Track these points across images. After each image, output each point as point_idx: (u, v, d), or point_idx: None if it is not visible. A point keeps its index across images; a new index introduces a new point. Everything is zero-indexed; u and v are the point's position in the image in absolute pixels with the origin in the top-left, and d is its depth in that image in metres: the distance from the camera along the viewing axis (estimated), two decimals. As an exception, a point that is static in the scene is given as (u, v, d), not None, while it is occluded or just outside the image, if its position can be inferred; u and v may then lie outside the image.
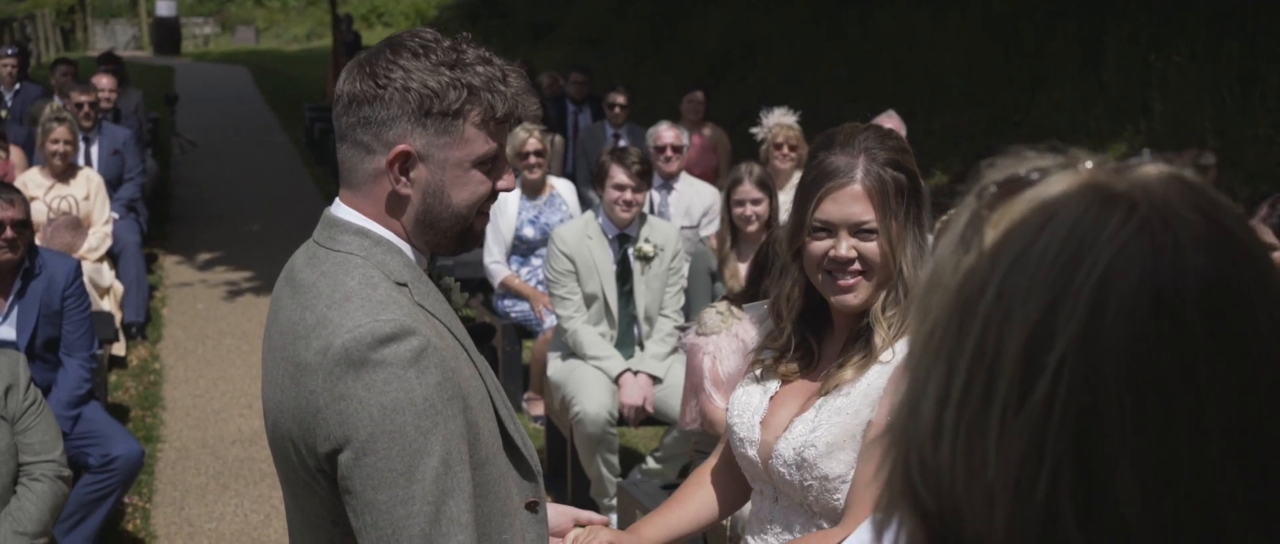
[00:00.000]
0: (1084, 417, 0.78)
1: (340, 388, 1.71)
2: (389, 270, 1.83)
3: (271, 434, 1.87)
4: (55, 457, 4.11)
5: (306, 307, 1.80)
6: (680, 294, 5.74)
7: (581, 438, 5.34)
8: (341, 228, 1.87)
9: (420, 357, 1.72)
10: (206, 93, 21.37)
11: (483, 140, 1.85)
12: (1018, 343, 0.79)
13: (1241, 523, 0.78)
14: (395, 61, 1.81)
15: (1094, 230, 0.80)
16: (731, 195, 5.45)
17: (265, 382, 1.89)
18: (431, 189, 1.85)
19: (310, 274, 1.85)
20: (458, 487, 1.74)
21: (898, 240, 2.16)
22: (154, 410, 7.04)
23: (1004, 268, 0.81)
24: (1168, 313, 0.77)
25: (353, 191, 1.88)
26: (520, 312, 7.03)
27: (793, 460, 2.22)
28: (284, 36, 38.02)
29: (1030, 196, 0.84)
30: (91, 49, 31.82)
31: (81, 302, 5.30)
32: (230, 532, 5.49)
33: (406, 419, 1.70)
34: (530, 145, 6.95)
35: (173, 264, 10.58)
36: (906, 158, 2.20)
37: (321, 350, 1.73)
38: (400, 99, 1.80)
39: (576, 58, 14.63)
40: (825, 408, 2.20)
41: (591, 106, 10.63)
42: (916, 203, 2.19)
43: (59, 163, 7.52)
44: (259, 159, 15.57)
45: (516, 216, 7.02)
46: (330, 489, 1.78)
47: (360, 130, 1.84)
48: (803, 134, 6.98)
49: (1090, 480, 0.78)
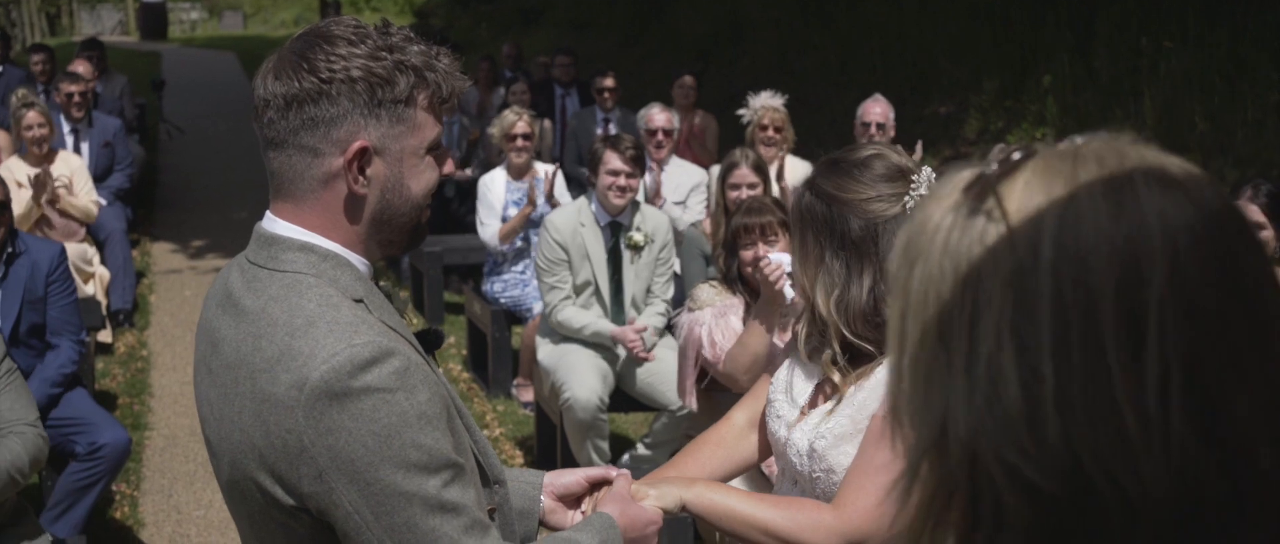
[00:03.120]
0: (1195, 347, 0.80)
1: (326, 423, 1.60)
2: (343, 287, 1.70)
3: (227, 476, 1.72)
4: (30, 420, 4.04)
5: (262, 335, 1.65)
6: (670, 283, 5.74)
7: (571, 424, 5.33)
8: (282, 245, 1.72)
9: (405, 376, 1.63)
10: (193, 78, 21.26)
11: (432, 124, 1.74)
12: (1109, 291, 0.80)
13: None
14: (333, 52, 1.67)
15: (1128, 181, 0.83)
16: (727, 179, 5.43)
17: (212, 420, 1.74)
18: (390, 184, 1.73)
19: (256, 299, 1.69)
20: (466, 489, 1.71)
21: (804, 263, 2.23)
22: (141, 398, 7.01)
23: (1052, 229, 0.82)
24: (1231, 235, 0.82)
25: (295, 203, 1.73)
26: (510, 297, 7.02)
27: (805, 450, 2.24)
28: (272, 21, 37.83)
29: (1037, 166, 0.86)
30: (77, 34, 31.65)
31: (66, 286, 5.26)
32: (218, 519, 5.47)
33: (405, 440, 1.62)
34: (518, 128, 6.95)
35: (160, 251, 10.54)
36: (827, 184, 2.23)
37: (296, 385, 1.60)
38: (349, 91, 1.67)
39: (564, 42, 14.56)
40: (845, 402, 2.22)
41: (579, 90, 10.59)
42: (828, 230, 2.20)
43: (37, 150, 7.48)
44: (247, 145, 15.46)
45: (503, 196, 7.01)
46: (313, 525, 1.67)
47: (304, 133, 1.69)
48: (789, 117, 6.96)
49: (1212, 410, 0.81)
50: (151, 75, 17.07)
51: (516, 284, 7.03)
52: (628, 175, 5.51)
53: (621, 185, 5.51)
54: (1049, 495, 0.82)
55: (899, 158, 2.23)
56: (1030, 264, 0.82)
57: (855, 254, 2.17)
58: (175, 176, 13.54)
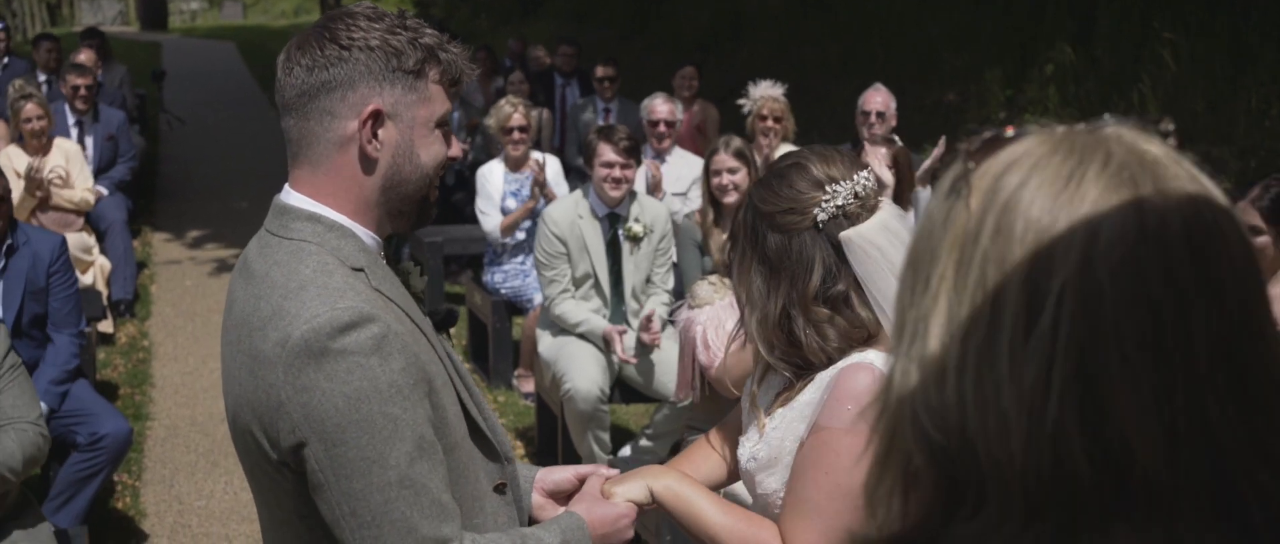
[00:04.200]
0: (1085, 341, 0.84)
1: (302, 380, 1.68)
2: (344, 256, 1.79)
3: (232, 427, 1.83)
4: (31, 418, 4.02)
5: (261, 297, 1.75)
6: (670, 273, 5.73)
7: (572, 415, 5.32)
8: (293, 214, 1.82)
9: (382, 343, 1.69)
10: (194, 69, 21.23)
11: (442, 99, 1.85)
12: (1020, 275, 0.86)
13: (1232, 434, 0.85)
14: (354, 25, 1.79)
15: (1078, 173, 0.87)
16: (709, 166, 5.45)
17: (224, 375, 1.84)
18: (401, 149, 1.82)
19: (263, 264, 1.80)
20: (433, 468, 1.73)
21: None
22: (143, 388, 7.01)
23: (998, 209, 0.88)
24: (1154, 242, 0.84)
25: (310, 168, 1.83)
26: (510, 288, 7.01)
27: (743, 470, 2.20)
28: (271, 11, 37.79)
29: (1015, 149, 0.91)
30: (77, 24, 31.62)
31: (67, 277, 5.26)
32: (220, 509, 5.47)
33: (373, 407, 1.68)
34: (515, 120, 6.93)
35: (161, 241, 10.53)
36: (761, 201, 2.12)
37: (280, 342, 1.69)
38: (366, 58, 1.77)
39: (564, 32, 14.54)
40: (775, 419, 2.14)
41: (579, 80, 10.58)
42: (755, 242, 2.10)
43: (35, 142, 7.47)
44: (247, 135, 15.48)
45: (501, 187, 7.01)
46: (296, 482, 1.75)
47: (323, 96, 1.79)
48: (789, 107, 6.95)
49: (1094, 400, 0.84)
50: (152, 65, 17.04)
51: (517, 275, 7.02)
52: (622, 166, 5.50)
53: (616, 177, 5.50)
54: (942, 450, 0.87)
55: (824, 167, 2.07)
56: (972, 236, 0.88)
57: (771, 269, 2.07)
58: (176, 167, 13.53)
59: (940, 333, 0.88)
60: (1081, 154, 0.88)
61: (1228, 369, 0.85)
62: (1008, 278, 0.86)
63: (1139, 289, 0.84)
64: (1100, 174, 0.87)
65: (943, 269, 0.89)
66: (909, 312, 0.91)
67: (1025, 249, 0.86)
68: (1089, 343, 0.84)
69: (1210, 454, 0.85)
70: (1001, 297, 0.86)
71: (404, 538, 1.70)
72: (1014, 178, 0.88)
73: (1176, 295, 0.84)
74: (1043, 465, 0.84)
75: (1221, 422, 0.85)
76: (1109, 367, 0.83)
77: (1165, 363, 0.84)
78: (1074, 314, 0.84)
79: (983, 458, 0.86)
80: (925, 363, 0.89)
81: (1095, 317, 0.84)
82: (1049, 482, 0.85)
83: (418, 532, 1.71)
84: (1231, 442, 0.85)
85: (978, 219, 0.88)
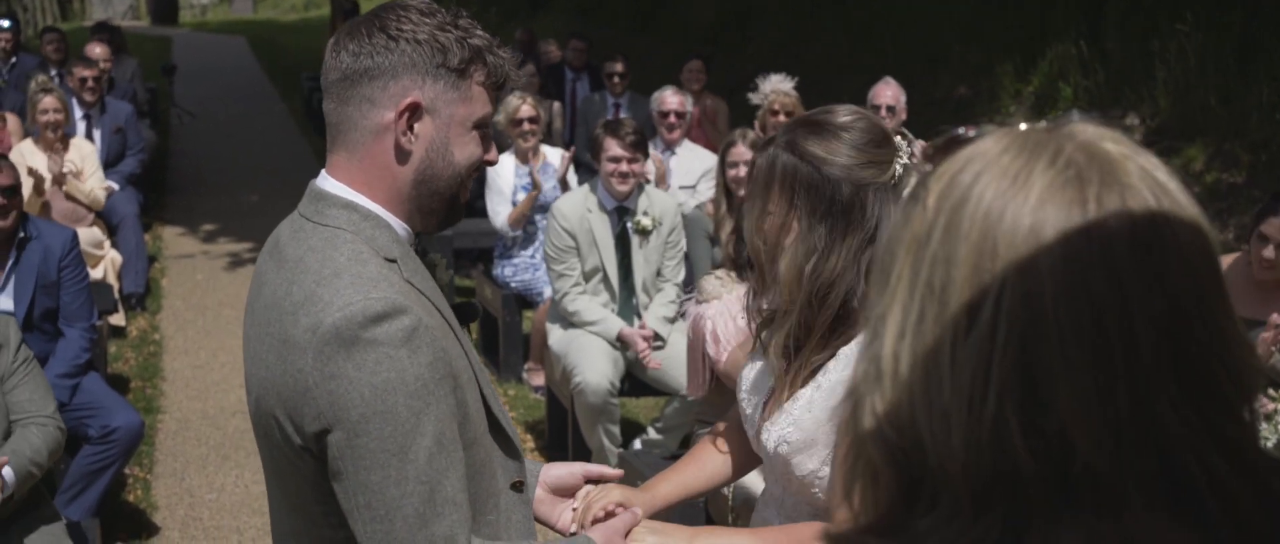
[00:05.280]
0: (1026, 336, 0.85)
1: (331, 367, 1.68)
2: (378, 246, 1.80)
3: (254, 411, 1.83)
4: (48, 412, 4.09)
5: (294, 282, 1.75)
6: (680, 266, 5.73)
7: (582, 408, 5.33)
8: (329, 201, 1.83)
9: (412, 335, 1.69)
10: (204, 63, 21.27)
11: (484, 102, 1.86)
12: (964, 272, 0.87)
13: (1183, 427, 0.85)
14: (406, 16, 1.81)
15: (1025, 170, 0.88)
16: (725, 158, 5.45)
17: (248, 357, 1.85)
18: (436, 145, 1.82)
19: (297, 248, 1.80)
20: (451, 466, 1.73)
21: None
22: (154, 381, 7.04)
23: (948, 210, 0.90)
24: (1096, 237, 0.85)
25: (347, 154, 1.84)
26: (520, 281, 7.02)
27: (772, 453, 2.17)
28: (281, 6, 37.82)
29: (971, 149, 0.93)
30: (87, 19, 31.67)
31: (79, 271, 5.28)
32: (231, 502, 5.50)
33: (398, 399, 1.68)
34: (523, 112, 6.94)
35: (172, 235, 10.56)
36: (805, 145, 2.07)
37: (311, 328, 1.69)
38: (412, 50, 1.79)
39: (573, 27, 14.54)
40: (801, 400, 2.12)
41: (590, 74, 10.58)
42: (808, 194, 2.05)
43: (51, 134, 7.48)
44: (257, 129, 15.51)
45: (511, 181, 7.02)
46: (316, 468, 1.75)
47: (365, 83, 1.80)
48: (800, 100, 6.94)
49: (1034, 395, 0.85)
50: (162, 60, 17.07)
51: (527, 268, 7.03)
52: (629, 161, 5.51)
53: (623, 171, 5.51)
54: (897, 448, 0.89)
55: (878, 121, 2.11)
56: (925, 236, 0.90)
57: (841, 221, 2.03)
58: (186, 161, 13.56)
59: (893, 332, 0.90)
60: (1031, 152, 0.89)
61: (1179, 363, 0.85)
62: (953, 276, 0.87)
63: (1079, 284, 0.84)
64: (1046, 171, 0.88)
65: (900, 269, 0.91)
66: (873, 311, 0.93)
67: (969, 246, 0.87)
68: (1029, 338, 0.85)
69: (1159, 446, 0.85)
70: (946, 294, 0.87)
71: (414, 534, 1.71)
72: (966, 177, 0.90)
73: (1118, 289, 0.85)
74: (984, 460, 0.86)
75: (1171, 415, 0.85)
76: (1049, 361, 0.84)
77: (1106, 357, 0.84)
78: (1013, 310, 0.85)
79: (929, 454, 0.87)
80: (880, 362, 0.90)
81: (1035, 312, 0.85)
82: (991, 476, 0.86)
83: (428, 528, 1.71)
84: (1183, 434, 0.85)
85: (931, 219, 0.90)
